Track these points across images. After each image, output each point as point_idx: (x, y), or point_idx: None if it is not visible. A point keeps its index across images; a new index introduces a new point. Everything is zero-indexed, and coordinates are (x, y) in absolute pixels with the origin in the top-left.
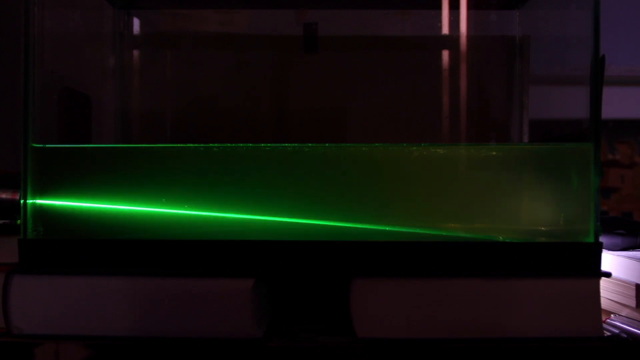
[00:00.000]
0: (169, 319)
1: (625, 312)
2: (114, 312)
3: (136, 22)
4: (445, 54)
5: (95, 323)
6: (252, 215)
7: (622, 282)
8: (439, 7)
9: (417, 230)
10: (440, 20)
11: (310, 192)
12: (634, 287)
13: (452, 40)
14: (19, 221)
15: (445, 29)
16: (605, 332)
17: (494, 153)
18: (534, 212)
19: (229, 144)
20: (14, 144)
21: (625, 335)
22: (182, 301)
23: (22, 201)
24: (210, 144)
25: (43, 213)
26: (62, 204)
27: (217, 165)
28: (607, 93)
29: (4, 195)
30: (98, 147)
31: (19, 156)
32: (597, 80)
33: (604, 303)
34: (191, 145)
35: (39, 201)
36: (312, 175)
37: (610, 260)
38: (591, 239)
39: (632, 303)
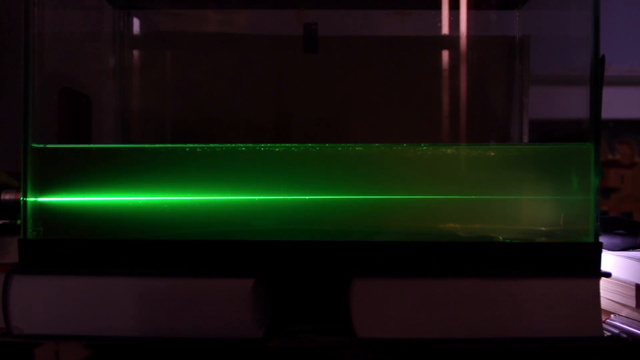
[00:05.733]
0: (169, 319)
1: (625, 312)
2: (114, 312)
3: (136, 22)
4: (445, 54)
5: (95, 323)
6: (252, 217)
7: (622, 282)
8: (439, 7)
9: (418, 231)
10: (440, 20)
11: (311, 193)
12: (634, 287)
13: (452, 40)
14: (19, 221)
15: (445, 29)
16: (605, 332)
17: (493, 153)
18: (534, 212)
19: (228, 144)
20: (14, 144)
21: (625, 335)
22: (182, 301)
23: (22, 201)
24: (210, 144)
25: (43, 213)
26: (63, 204)
27: (217, 165)
28: (607, 93)
29: (7, 197)
30: (98, 147)
31: (19, 156)
32: (597, 80)
33: (604, 303)
34: (191, 145)
35: (39, 201)
36: (311, 175)
37: (610, 260)
38: (591, 239)
39: (632, 303)
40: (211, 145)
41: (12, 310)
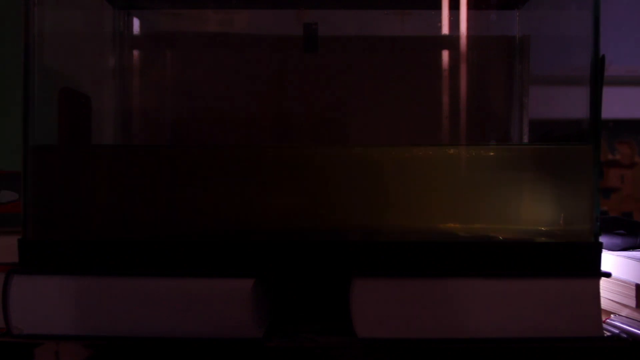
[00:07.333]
0: (169, 319)
1: (625, 312)
2: (114, 312)
3: (136, 22)
4: (445, 54)
5: (95, 323)
6: (252, 219)
7: (622, 282)
8: (439, 7)
9: (418, 231)
10: (440, 20)
11: (311, 193)
12: (634, 287)
13: (452, 40)
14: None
15: (445, 29)
16: (605, 332)
17: (493, 153)
18: (534, 212)
19: (228, 145)
20: (14, 144)
21: (625, 335)
22: (182, 301)
23: (22, 201)
24: (210, 145)
25: (43, 213)
26: (62, 204)
27: (217, 165)
28: (607, 93)
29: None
30: (98, 147)
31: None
32: (597, 80)
33: (604, 303)
34: (191, 146)
35: (39, 201)
36: (311, 176)
37: (610, 260)
38: (591, 239)
39: (632, 303)
40: (210, 145)
41: (12, 310)
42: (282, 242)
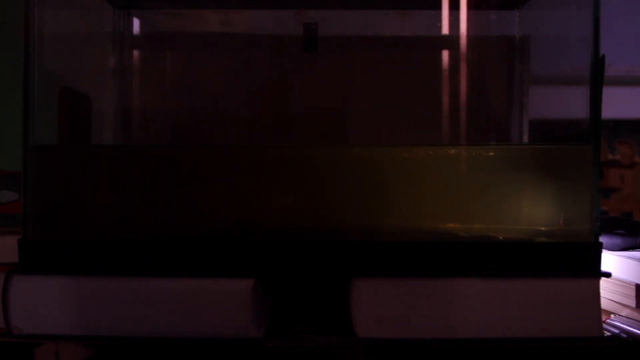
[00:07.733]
0: (169, 319)
1: (625, 312)
2: (114, 312)
3: (136, 22)
4: (445, 54)
5: (95, 323)
6: (252, 219)
7: (622, 282)
8: (439, 7)
9: (418, 231)
10: (440, 20)
11: (311, 193)
12: (634, 287)
13: (452, 40)
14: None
15: (445, 29)
16: (605, 332)
17: (493, 153)
18: (534, 212)
19: (228, 145)
20: (14, 144)
21: (625, 335)
22: (182, 301)
23: (22, 201)
24: (210, 145)
25: (43, 213)
26: (62, 204)
27: (217, 165)
28: (607, 93)
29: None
30: (98, 147)
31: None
32: (597, 80)
33: (604, 303)
34: (191, 146)
35: (39, 201)
36: (311, 176)
37: (610, 260)
38: (591, 239)
39: (632, 303)
40: (209, 146)
41: (12, 310)
42: (282, 242)
